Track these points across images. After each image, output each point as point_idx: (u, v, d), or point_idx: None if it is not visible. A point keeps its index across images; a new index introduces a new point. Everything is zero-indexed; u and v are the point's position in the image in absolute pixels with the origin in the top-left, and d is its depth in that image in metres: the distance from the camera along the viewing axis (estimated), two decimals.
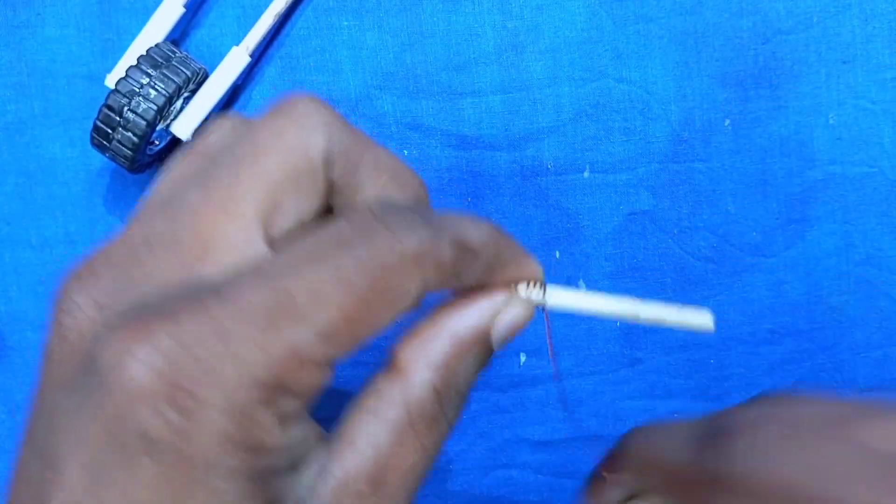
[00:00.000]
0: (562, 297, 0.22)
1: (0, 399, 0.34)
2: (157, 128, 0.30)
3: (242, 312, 0.15)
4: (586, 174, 0.33)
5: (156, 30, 0.31)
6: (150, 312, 0.15)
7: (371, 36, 0.33)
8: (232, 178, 0.17)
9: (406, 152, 0.33)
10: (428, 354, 0.18)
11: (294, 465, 0.17)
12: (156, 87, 0.29)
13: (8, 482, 0.17)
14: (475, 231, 0.18)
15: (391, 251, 0.16)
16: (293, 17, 0.33)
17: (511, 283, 0.20)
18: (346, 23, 0.33)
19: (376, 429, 0.17)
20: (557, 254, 0.34)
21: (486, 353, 0.19)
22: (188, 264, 0.16)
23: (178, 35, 0.33)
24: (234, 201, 0.17)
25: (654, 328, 0.34)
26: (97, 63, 0.33)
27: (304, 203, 0.18)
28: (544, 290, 0.21)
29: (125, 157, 0.30)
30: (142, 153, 0.30)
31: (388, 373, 0.18)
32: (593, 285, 0.34)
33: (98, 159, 0.33)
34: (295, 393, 0.16)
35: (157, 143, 0.32)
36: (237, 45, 0.31)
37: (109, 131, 0.29)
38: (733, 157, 0.33)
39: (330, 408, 0.18)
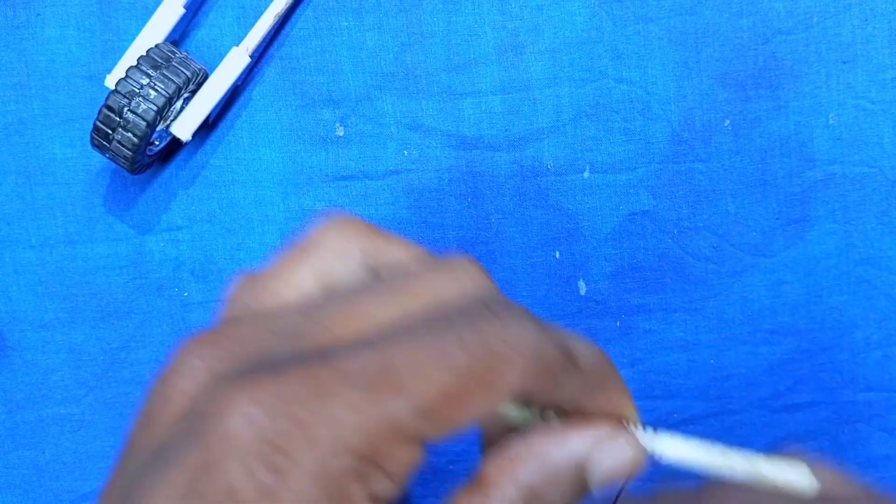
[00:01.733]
0: (673, 447, 0.20)
1: (0, 399, 0.34)
2: (157, 128, 0.30)
3: (345, 376, 0.15)
4: (586, 174, 0.33)
5: (156, 30, 0.31)
6: (259, 370, 0.15)
7: (371, 36, 0.33)
8: (377, 301, 0.17)
9: (406, 152, 0.33)
10: (517, 475, 0.17)
11: None
12: (156, 87, 0.29)
13: None
14: (583, 347, 0.18)
15: (496, 337, 0.16)
16: (293, 18, 0.33)
17: (618, 419, 0.18)
18: (346, 23, 0.33)
19: None
20: (557, 254, 0.34)
21: (579, 488, 0.18)
22: (301, 344, 0.16)
23: (178, 35, 0.33)
24: (374, 319, 0.17)
25: (654, 329, 0.34)
26: (97, 63, 0.33)
27: (350, 275, 0.19)
28: (651, 434, 0.19)
29: (125, 157, 0.30)
30: (142, 154, 0.30)
31: (472, 486, 0.18)
32: (593, 285, 0.34)
33: (98, 159, 0.33)
34: (386, 471, 0.15)
35: (157, 143, 0.32)
36: (237, 45, 0.31)
37: (109, 132, 0.29)
38: (733, 157, 0.33)
39: None
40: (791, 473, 0.19)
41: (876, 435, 0.35)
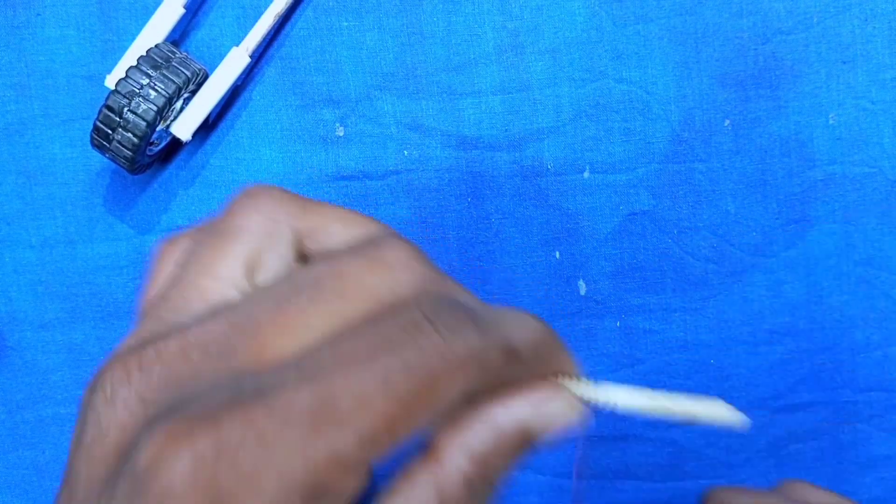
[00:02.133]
0: (612, 394, 0.20)
1: (0, 399, 0.34)
2: (157, 128, 0.30)
3: (285, 416, 0.14)
4: (586, 174, 0.33)
5: (156, 30, 0.31)
6: (193, 414, 0.14)
7: (371, 36, 0.33)
8: (309, 307, 0.17)
9: (406, 152, 0.33)
10: (466, 443, 0.18)
11: None
12: (156, 87, 0.29)
13: None
14: (524, 333, 0.18)
15: (439, 356, 0.16)
16: (293, 18, 0.33)
17: (555, 377, 0.19)
18: (346, 23, 0.33)
19: None
20: (557, 254, 0.34)
21: (525, 447, 0.18)
22: (240, 370, 0.16)
23: (178, 35, 0.33)
24: (307, 328, 0.17)
25: (654, 329, 0.34)
26: (97, 63, 0.33)
27: (279, 261, 0.19)
28: (592, 386, 0.20)
29: (125, 157, 0.30)
30: (142, 154, 0.30)
31: (423, 457, 0.18)
32: (593, 285, 0.34)
33: (98, 160, 0.33)
34: (334, 496, 0.15)
35: (157, 143, 0.32)
36: (237, 45, 0.32)
37: (109, 132, 0.29)
38: (733, 157, 0.33)
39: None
40: (719, 410, 0.20)
41: (876, 435, 0.35)
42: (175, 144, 0.33)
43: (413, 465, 0.18)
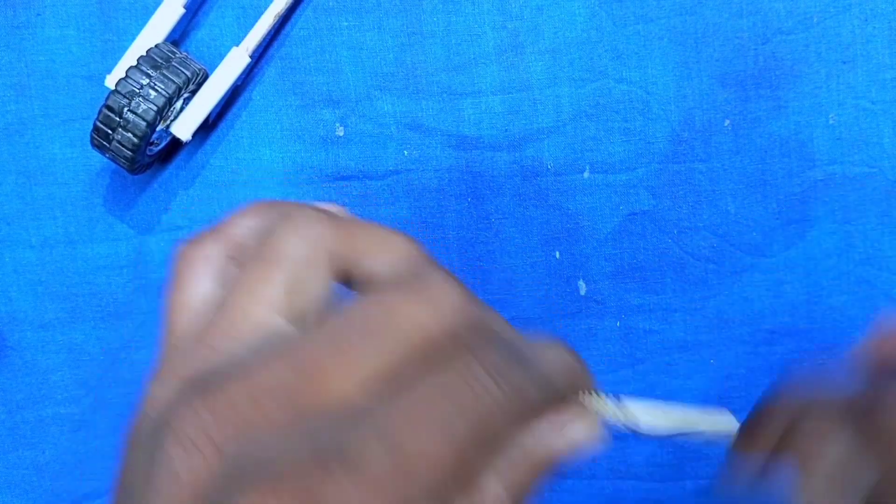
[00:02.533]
0: (634, 413, 0.22)
1: (0, 399, 0.34)
2: (158, 128, 0.30)
3: (367, 479, 0.14)
4: (586, 174, 0.33)
5: (156, 30, 0.31)
6: (278, 474, 0.15)
7: (371, 36, 0.33)
8: (363, 346, 0.17)
9: (406, 152, 0.33)
10: (500, 469, 0.18)
11: None
12: (156, 87, 0.29)
13: None
14: (559, 366, 0.18)
15: (493, 401, 0.16)
16: (293, 18, 0.33)
17: (577, 396, 0.20)
18: (346, 23, 0.33)
19: None
20: (557, 254, 0.34)
21: (552, 468, 0.19)
22: (301, 408, 0.16)
23: (178, 35, 0.33)
24: (361, 367, 0.17)
25: (654, 329, 0.34)
26: (97, 63, 0.33)
27: (319, 286, 0.19)
28: (614, 405, 0.21)
29: (125, 157, 0.30)
30: (142, 154, 0.30)
31: (461, 485, 0.18)
32: (593, 285, 0.34)
33: (98, 160, 0.33)
34: None
35: (157, 143, 0.32)
36: (237, 45, 0.31)
37: (109, 132, 0.29)
38: (733, 157, 0.33)
39: None
40: (728, 422, 0.22)
41: None
42: (175, 144, 0.33)
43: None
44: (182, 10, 0.31)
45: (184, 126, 0.31)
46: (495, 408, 0.16)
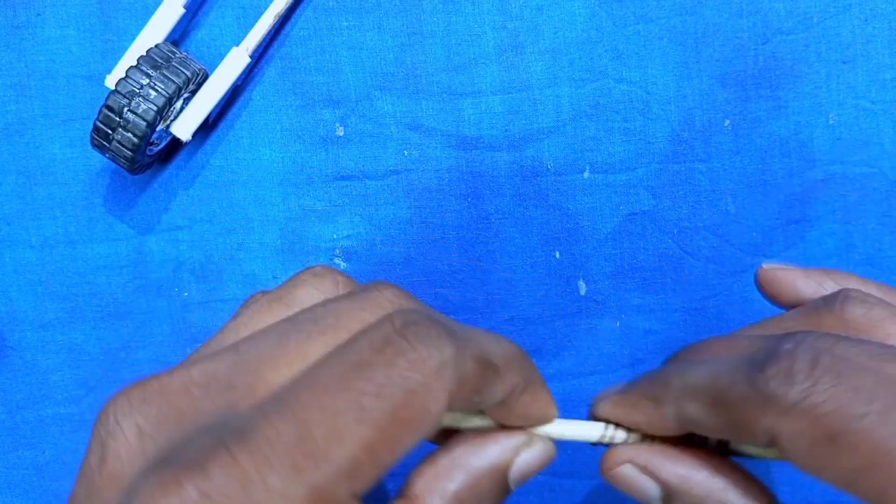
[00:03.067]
0: (573, 431, 0.22)
1: (0, 399, 0.34)
2: (158, 128, 0.30)
3: (266, 459, 0.15)
4: (586, 174, 0.33)
5: (156, 30, 0.31)
6: (182, 463, 0.15)
7: (371, 36, 0.33)
8: (307, 341, 0.17)
9: (406, 152, 0.33)
10: (443, 488, 0.18)
11: None
12: (156, 87, 0.29)
13: None
14: (498, 347, 0.18)
15: (413, 371, 0.16)
16: (293, 18, 0.33)
17: (529, 425, 0.20)
18: (346, 23, 0.33)
19: None
20: (557, 254, 0.34)
21: (502, 491, 0.19)
22: (234, 405, 0.16)
23: (179, 35, 0.33)
24: (303, 360, 0.17)
25: (654, 329, 0.34)
26: (97, 63, 0.33)
27: None
28: (560, 424, 0.22)
29: (125, 157, 0.30)
30: (142, 154, 0.30)
31: (401, 500, 0.18)
32: (593, 285, 0.34)
33: (98, 160, 0.33)
34: None
35: (157, 143, 0.32)
36: (237, 45, 0.31)
37: (109, 132, 0.29)
38: (733, 157, 0.33)
39: None
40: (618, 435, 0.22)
41: None
42: (175, 144, 0.33)
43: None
44: (182, 10, 0.31)
45: (184, 126, 0.31)
46: (417, 378, 0.15)
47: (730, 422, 0.18)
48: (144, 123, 0.29)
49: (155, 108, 0.29)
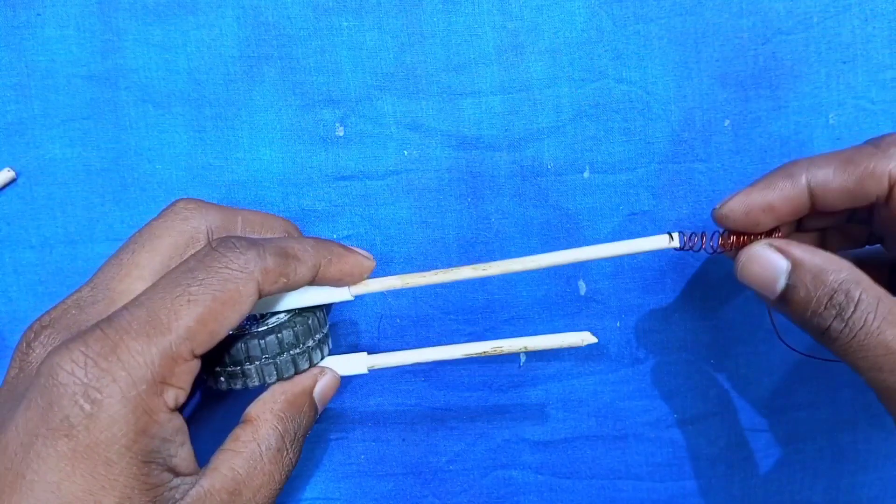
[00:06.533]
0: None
1: None
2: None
3: (126, 331, 0.22)
4: (586, 174, 0.33)
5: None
6: (70, 340, 0.22)
7: (371, 36, 0.33)
8: (135, 255, 0.27)
9: (406, 152, 0.33)
10: (271, 409, 0.26)
11: (172, 469, 0.23)
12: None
13: None
14: (296, 243, 0.26)
15: (224, 268, 0.24)
16: (293, 18, 0.33)
17: (349, 281, 0.29)
18: (346, 23, 0.33)
19: (234, 460, 0.25)
20: None
21: (313, 408, 0.28)
22: (102, 313, 0.25)
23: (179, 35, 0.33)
24: (139, 268, 0.26)
25: (653, 329, 0.34)
26: (97, 63, 0.33)
27: None
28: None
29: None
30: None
31: (242, 425, 0.26)
32: (593, 285, 0.34)
33: (98, 159, 0.33)
34: (175, 385, 0.23)
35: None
36: (368, 353, 0.33)
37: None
38: (733, 157, 0.33)
39: None
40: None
41: (876, 435, 0.35)
42: (176, 143, 0.33)
43: (235, 431, 0.26)
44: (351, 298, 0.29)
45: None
46: (228, 272, 0.24)
47: (856, 175, 0.26)
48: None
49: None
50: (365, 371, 0.30)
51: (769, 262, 0.27)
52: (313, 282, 0.27)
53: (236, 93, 0.33)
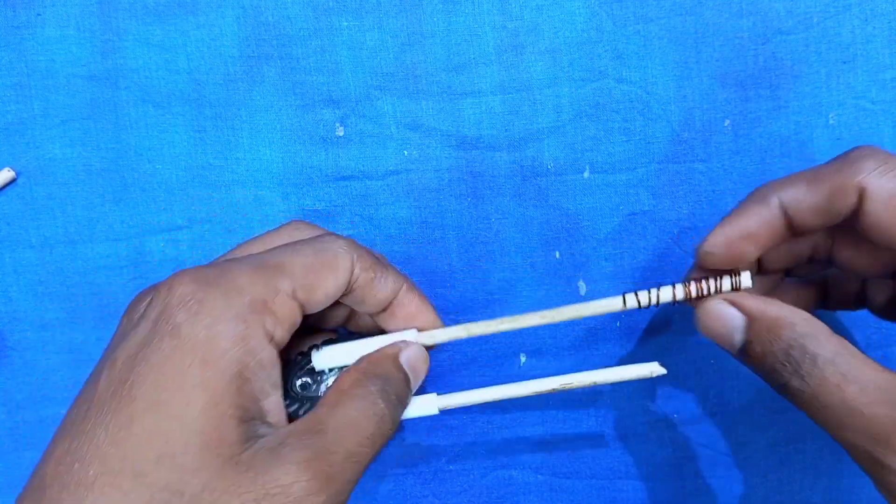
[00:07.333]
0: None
1: (0, 399, 0.34)
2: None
3: (236, 262, 0.25)
4: (586, 174, 0.33)
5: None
6: (187, 268, 0.25)
7: (371, 36, 0.33)
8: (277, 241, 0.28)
9: (406, 152, 0.33)
10: (355, 367, 0.27)
11: (260, 406, 0.24)
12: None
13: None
14: (375, 254, 0.28)
15: (330, 244, 0.27)
16: (293, 18, 0.33)
17: (415, 325, 0.29)
18: (346, 23, 0.33)
19: (316, 408, 0.25)
20: (557, 254, 0.34)
21: (401, 370, 0.28)
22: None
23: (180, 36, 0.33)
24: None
25: (653, 329, 0.34)
26: (97, 63, 0.33)
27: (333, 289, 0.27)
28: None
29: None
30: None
31: (347, 370, 0.28)
32: (593, 285, 0.34)
33: (98, 159, 0.33)
34: (275, 311, 0.24)
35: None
36: (437, 394, 0.31)
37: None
38: (733, 157, 0.33)
39: None
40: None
41: None
42: (176, 143, 0.33)
43: (343, 373, 0.27)
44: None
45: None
46: (333, 251, 0.26)
47: (826, 189, 0.25)
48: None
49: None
50: (436, 412, 0.29)
51: (724, 317, 0.26)
52: (386, 311, 0.29)
53: (236, 93, 0.33)
